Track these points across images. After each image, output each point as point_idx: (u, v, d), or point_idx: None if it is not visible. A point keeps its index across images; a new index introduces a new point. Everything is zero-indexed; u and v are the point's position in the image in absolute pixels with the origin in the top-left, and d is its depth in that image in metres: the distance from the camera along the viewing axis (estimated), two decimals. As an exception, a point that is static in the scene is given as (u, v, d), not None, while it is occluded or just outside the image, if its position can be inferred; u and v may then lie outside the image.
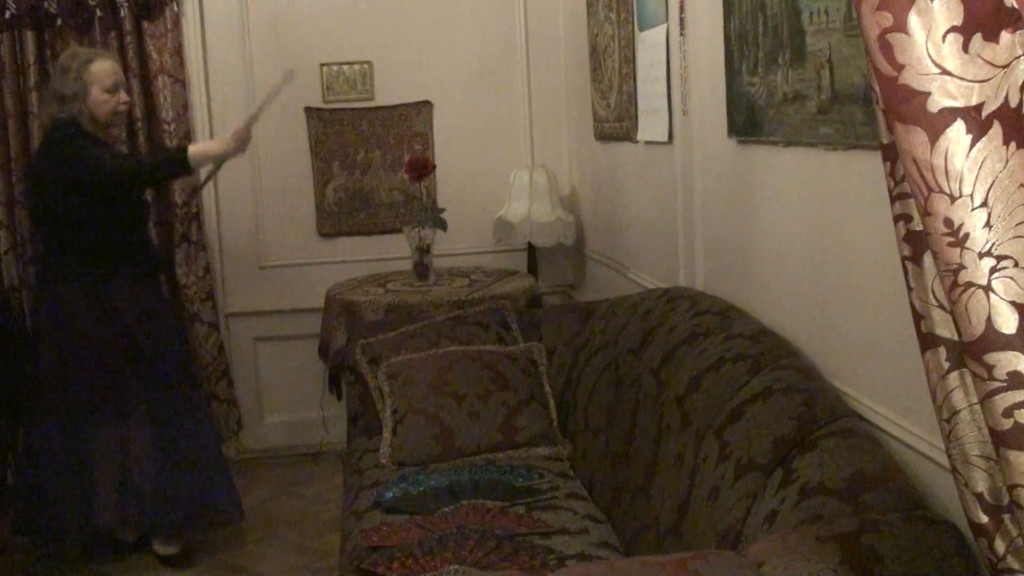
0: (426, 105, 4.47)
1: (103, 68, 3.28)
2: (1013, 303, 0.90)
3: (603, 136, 3.94)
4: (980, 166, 0.89)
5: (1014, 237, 0.89)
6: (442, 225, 3.96)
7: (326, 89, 4.40)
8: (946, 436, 1.05)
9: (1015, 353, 0.90)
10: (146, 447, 3.32)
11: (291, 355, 4.41)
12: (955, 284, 0.92)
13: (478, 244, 4.52)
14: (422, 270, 3.99)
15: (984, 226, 0.89)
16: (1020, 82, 0.89)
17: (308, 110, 4.39)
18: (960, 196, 0.90)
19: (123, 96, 3.35)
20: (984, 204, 0.89)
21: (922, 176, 0.92)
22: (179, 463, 3.35)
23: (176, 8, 4.13)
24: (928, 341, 1.05)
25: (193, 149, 3.33)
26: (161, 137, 4.12)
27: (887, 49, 0.91)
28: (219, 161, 3.43)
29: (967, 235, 0.90)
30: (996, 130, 0.89)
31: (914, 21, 0.89)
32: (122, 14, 4.05)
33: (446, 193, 4.38)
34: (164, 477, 3.33)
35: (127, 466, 3.33)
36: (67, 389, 3.31)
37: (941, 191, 0.91)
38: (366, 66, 4.41)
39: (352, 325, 3.68)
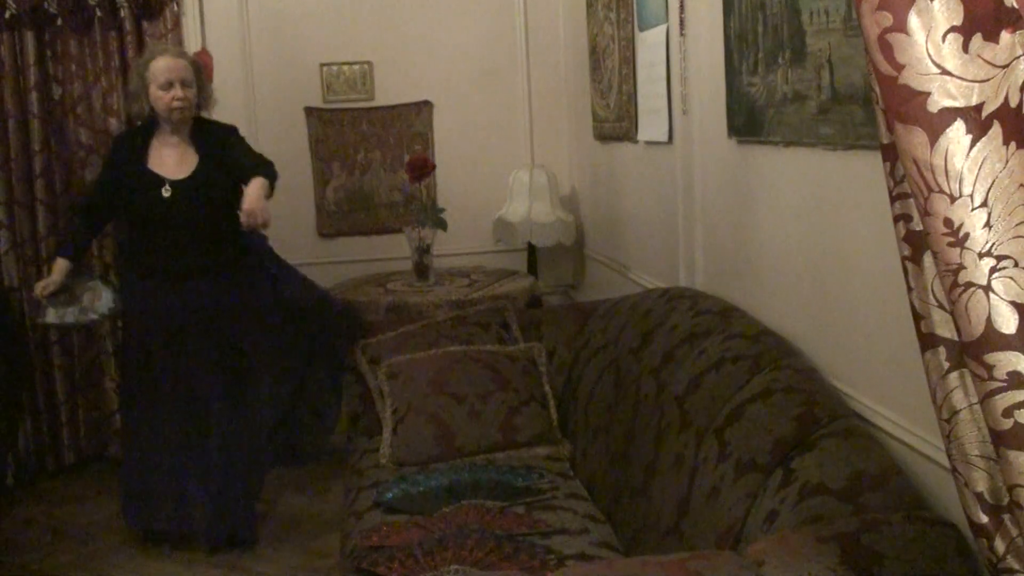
0: (426, 105, 4.47)
1: (159, 65, 3.25)
2: (1013, 303, 0.90)
3: (603, 136, 3.94)
4: (980, 166, 0.89)
5: (1014, 237, 0.89)
6: (442, 225, 3.96)
7: (326, 89, 4.40)
8: (946, 436, 1.05)
9: (1015, 353, 0.90)
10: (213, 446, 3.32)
11: (291, 355, 4.41)
12: (955, 284, 0.92)
13: (478, 244, 4.52)
14: (422, 270, 3.99)
15: (984, 226, 0.89)
16: (1020, 82, 0.89)
17: (308, 110, 4.39)
18: (960, 196, 0.90)
19: (177, 92, 3.23)
20: (984, 204, 0.89)
21: (922, 176, 0.92)
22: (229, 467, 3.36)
23: (176, 8, 4.12)
24: (928, 341, 1.05)
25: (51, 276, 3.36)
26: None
27: (887, 49, 0.91)
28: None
29: (967, 235, 0.90)
30: (996, 130, 0.89)
31: (914, 21, 0.89)
32: (122, 14, 4.04)
33: (446, 193, 4.38)
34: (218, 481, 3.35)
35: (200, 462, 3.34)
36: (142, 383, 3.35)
37: (941, 191, 0.90)
38: (366, 66, 4.41)
39: (352, 325, 3.68)
